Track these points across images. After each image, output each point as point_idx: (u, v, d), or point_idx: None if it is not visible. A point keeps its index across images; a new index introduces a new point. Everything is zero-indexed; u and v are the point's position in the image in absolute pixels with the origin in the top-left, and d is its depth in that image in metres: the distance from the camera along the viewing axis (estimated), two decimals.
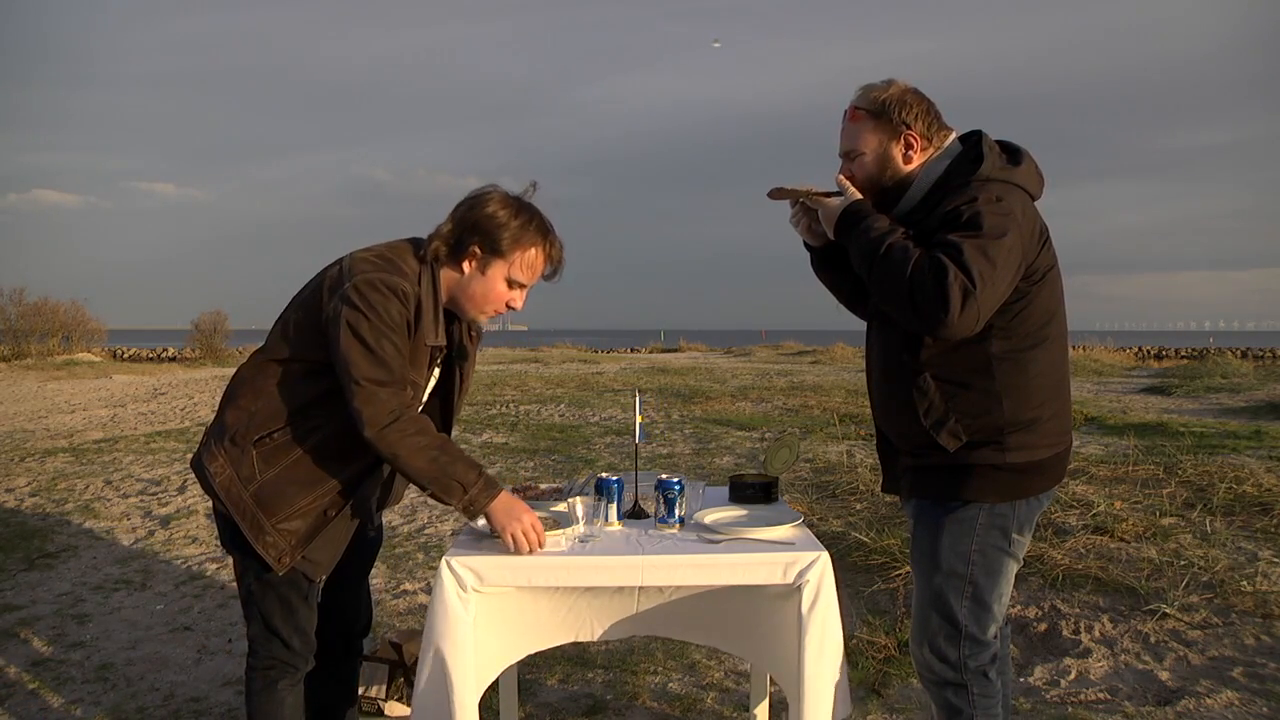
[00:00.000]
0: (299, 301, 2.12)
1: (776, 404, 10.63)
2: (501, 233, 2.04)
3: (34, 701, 3.15)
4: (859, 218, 2.02)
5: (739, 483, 2.54)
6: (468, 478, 2.04)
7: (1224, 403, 10.51)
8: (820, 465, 6.47)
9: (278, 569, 2.07)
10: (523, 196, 2.12)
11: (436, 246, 2.07)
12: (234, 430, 2.06)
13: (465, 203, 2.09)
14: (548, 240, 2.11)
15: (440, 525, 5.42)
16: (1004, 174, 1.97)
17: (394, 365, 1.99)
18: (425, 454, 2.01)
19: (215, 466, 2.06)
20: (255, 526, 2.04)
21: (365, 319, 1.96)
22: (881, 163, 2.06)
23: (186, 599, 4.19)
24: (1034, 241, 1.95)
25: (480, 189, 2.11)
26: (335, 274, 2.05)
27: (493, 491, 2.07)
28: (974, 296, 1.81)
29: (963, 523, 2.03)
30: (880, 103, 2.04)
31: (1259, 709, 2.89)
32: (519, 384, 13.88)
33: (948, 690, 2.08)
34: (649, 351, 33.07)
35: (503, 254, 2.06)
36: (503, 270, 2.08)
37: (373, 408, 1.97)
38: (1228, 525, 4.50)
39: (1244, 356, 28.22)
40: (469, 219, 2.05)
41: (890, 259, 1.90)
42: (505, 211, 2.05)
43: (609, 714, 3.00)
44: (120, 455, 7.85)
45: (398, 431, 1.99)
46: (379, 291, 1.97)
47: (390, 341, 1.98)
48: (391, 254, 2.07)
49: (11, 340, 22.71)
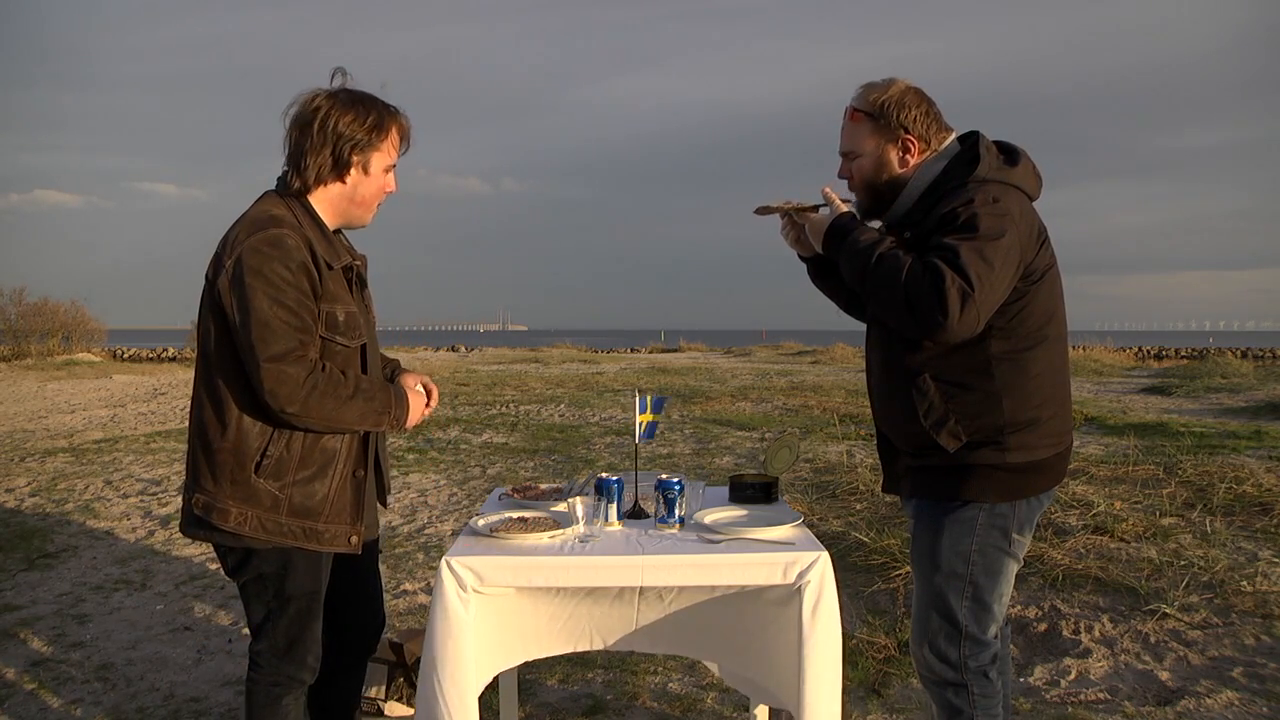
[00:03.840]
0: (203, 309, 2.05)
1: (776, 404, 10.63)
2: (366, 131, 2.06)
3: (34, 701, 3.15)
4: (846, 231, 2.03)
5: (739, 483, 2.54)
6: (385, 401, 2.08)
7: (1224, 403, 10.51)
8: (820, 465, 6.47)
9: (354, 549, 2.11)
10: (346, 88, 2.10)
11: (318, 171, 2.05)
12: (228, 474, 1.99)
13: (312, 122, 2.04)
14: (396, 115, 2.13)
15: (440, 525, 5.43)
16: (1001, 174, 1.97)
17: (291, 331, 1.94)
18: (351, 405, 2.00)
19: (234, 518, 1.99)
20: (311, 536, 2.04)
21: (258, 290, 1.91)
22: (878, 164, 2.07)
23: (186, 599, 4.20)
24: (1032, 241, 1.95)
25: (308, 104, 2.05)
26: (214, 261, 2.02)
27: (403, 400, 2.13)
28: (972, 299, 1.81)
29: (963, 523, 2.03)
30: (879, 105, 2.04)
31: (1259, 709, 2.89)
32: (519, 384, 13.89)
33: (948, 690, 2.08)
34: (649, 352, 33.07)
35: (376, 146, 2.08)
36: (381, 161, 2.11)
37: (286, 386, 1.92)
38: (1228, 525, 4.50)
39: (1244, 356, 28.20)
40: (332, 133, 2.04)
41: (882, 269, 1.90)
42: (354, 112, 2.05)
43: (609, 714, 3.00)
44: (120, 455, 7.85)
45: (319, 395, 1.95)
46: (259, 253, 1.94)
47: (285, 305, 1.93)
48: (256, 212, 2.04)
49: (11, 340, 22.70)
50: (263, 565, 2.06)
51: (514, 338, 71.75)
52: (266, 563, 2.06)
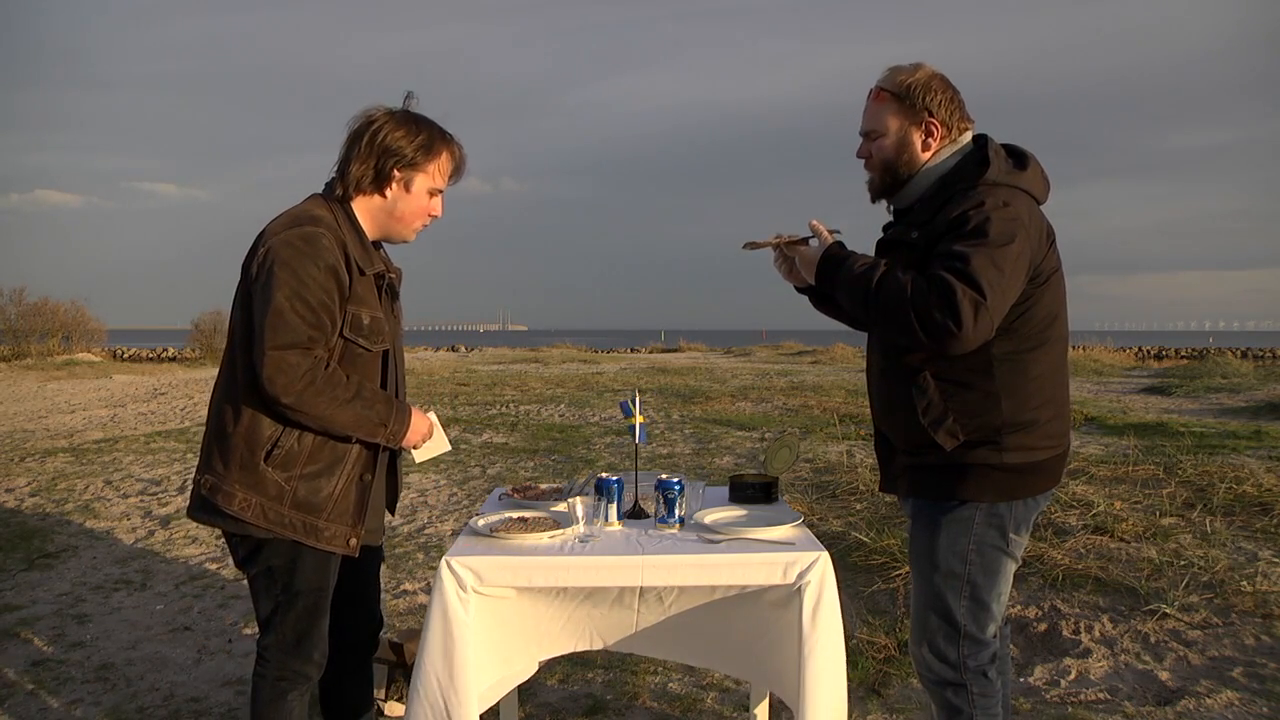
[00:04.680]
0: (236, 301, 2.09)
1: (776, 404, 10.63)
2: (414, 149, 2.11)
3: (34, 701, 3.15)
4: (838, 261, 2.03)
5: (739, 483, 2.54)
6: (384, 414, 2.08)
7: (1224, 403, 10.51)
8: (820, 465, 6.47)
9: (351, 551, 2.11)
10: (407, 109, 2.17)
11: (358, 181, 2.11)
12: (238, 459, 2.02)
13: (363, 134, 2.11)
14: (451, 143, 2.19)
15: (440, 525, 5.43)
16: (1010, 178, 1.97)
17: (304, 326, 1.96)
18: (348, 409, 2.01)
19: (238, 502, 2.01)
20: (310, 531, 2.05)
21: (283, 281, 1.94)
22: (900, 147, 2.07)
23: (186, 599, 4.20)
24: (1041, 245, 1.96)
25: (365, 117, 2.13)
26: (250, 251, 2.05)
27: (404, 416, 2.13)
28: (985, 307, 1.81)
29: (960, 522, 2.03)
30: (905, 86, 2.04)
31: (1259, 709, 2.89)
32: (519, 384, 13.89)
33: (947, 690, 2.08)
34: (649, 351, 33.07)
35: (421, 167, 2.13)
36: (425, 183, 2.15)
37: (284, 375, 1.93)
38: (1228, 525, 4.50)
39: (1244, 356, 28.20)
40: (380, 147, 2.09)
41: (885, 292, 1.91)
42: (406, 130, 2.12)
43: (609, 714, 3.00)
44: (120, 455, 7.85)
45: (315, 391, 1.96)
46: (291, 247, 1.97)
47: (305, 301, 1.95)
48: (299, 210, 2.08)
49: (11, 340, 22.71)
50: (272, 558, 2.07)
51: (514, 338, 71.79)
52: (276, 555, 2.07)
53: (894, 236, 2.09)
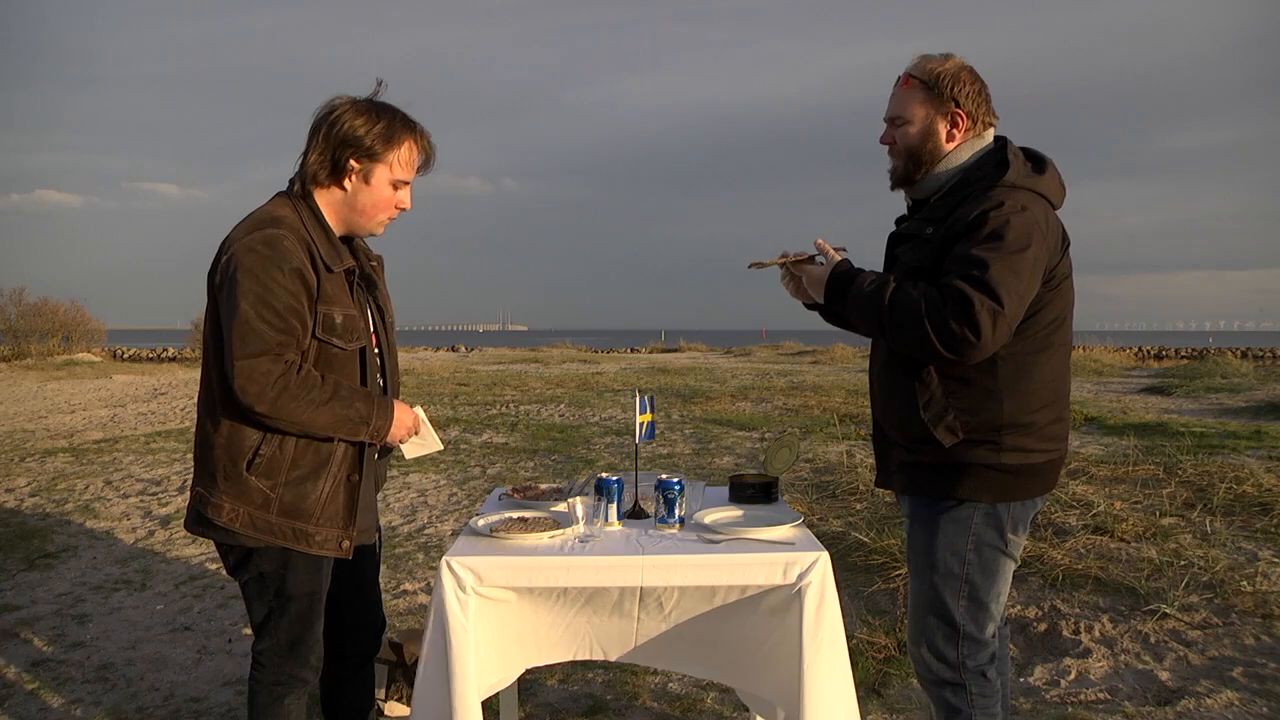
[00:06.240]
0: (208, 312, 2.06)
1: (776, 404, 10.63)
2: (372, 139, 2.04)
3: (34, 701, 3.15)
4: (847, 280, 2.03)
5: (739, 483, 2.54)
6: (365, 411, 2.03)
7: (1224, 403, 10.52)
8: (820, 465, 6.47)
9: (344, 554, 2.08)
10: (373, 98, 2.10)
11: (314, 174, 2.05)
12: (222, 470, 1.99)
13: (323, 124, 2.05)
14: (415, 132, 2.11)
15: (440, 525, 5.42)
16: (1029, 182, 1.97)
17: (271, 332, 1.91)
18: (325, 410, 1.97)
19: (226, 514, 1.99)
20: (301, 537, 2.03)
21: (246, 288, 1.90)
22: (924, 135, 2.06)
23: (186, 599, 4.19)
24: (1056, 250, 1.96)
25: (328, 106, 2.07)
26: (214, 259, 2.02)
27: (386, 412, 2.07)
28: (1003, 315, 1.82)
29: (958, 522, 2.03)
30: (935, 75, 2.04)
31: (1259, 709, 2.89)
32: (519, 384, 13.89)
33: (946, 690, 2.08)
34: (649, 352, 33.07)
35: (380, 158, 2.06)
36: (385, 174, 2.07)
37: (256, 384, 1.89)
38: (1228, 525, 4.50)
39: (1244, 356, 28.20)
40: (336, 137, 2.03)
41: (899, 309, 1.90)
42: (365, 118, 2.04)
43: (609, 714, 3.00)
44: (120, 455, 7.85)
45: (289, 396, 1.92)
46: (253, 252, 1.92)
47: (270, 307, 1.91)
48: (260, 213, 2.04)
49: (11, 340, 22.72)
50: (262, 564, 2.06)
51: (514, 338, 71.67)
52: (266, 561, 2.05)
53: (909, 230, 2.09)
